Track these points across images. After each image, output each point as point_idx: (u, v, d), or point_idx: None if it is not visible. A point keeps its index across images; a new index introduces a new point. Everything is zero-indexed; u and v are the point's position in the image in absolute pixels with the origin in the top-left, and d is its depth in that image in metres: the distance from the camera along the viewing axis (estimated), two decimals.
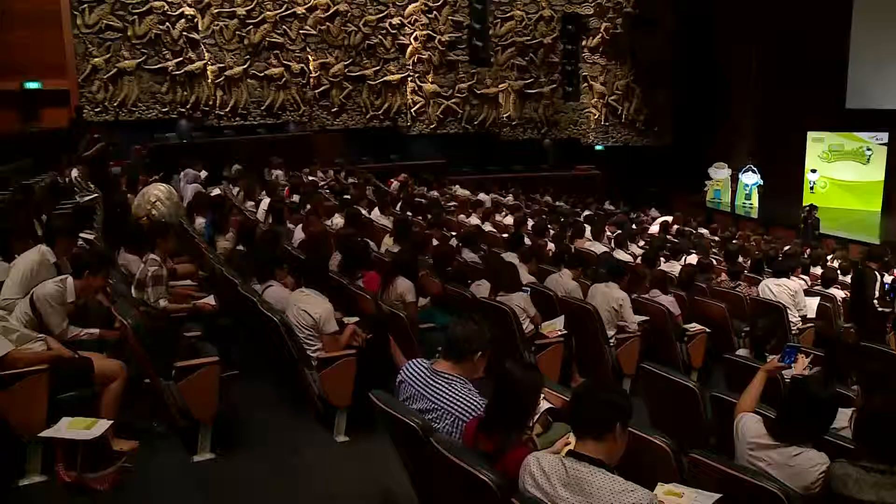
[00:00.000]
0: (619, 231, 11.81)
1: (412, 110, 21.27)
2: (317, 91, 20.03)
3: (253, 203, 11.13)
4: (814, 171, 21.46)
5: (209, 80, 18.70)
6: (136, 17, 17.76)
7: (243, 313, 6.11)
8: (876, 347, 7.19)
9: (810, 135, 21.35)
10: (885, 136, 20.44)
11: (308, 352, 5.30)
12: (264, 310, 5.43)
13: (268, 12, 19.07)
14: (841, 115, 21.27)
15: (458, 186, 18.02)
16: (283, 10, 19.27)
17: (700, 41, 22.85)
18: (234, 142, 18.00)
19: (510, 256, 7.98)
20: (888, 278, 8.67)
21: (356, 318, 5.74)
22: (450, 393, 3.60)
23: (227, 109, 18.98)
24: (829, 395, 3.62)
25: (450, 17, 21.08)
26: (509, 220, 13.02)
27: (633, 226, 13.76)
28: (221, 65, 18.77)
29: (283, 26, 19.39)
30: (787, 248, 14.09)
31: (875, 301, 8.30)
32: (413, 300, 6.42)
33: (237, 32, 18.85)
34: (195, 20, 18.37)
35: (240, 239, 7.64)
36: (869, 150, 20.75)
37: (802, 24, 20.98)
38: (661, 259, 9.73)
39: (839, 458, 3.47)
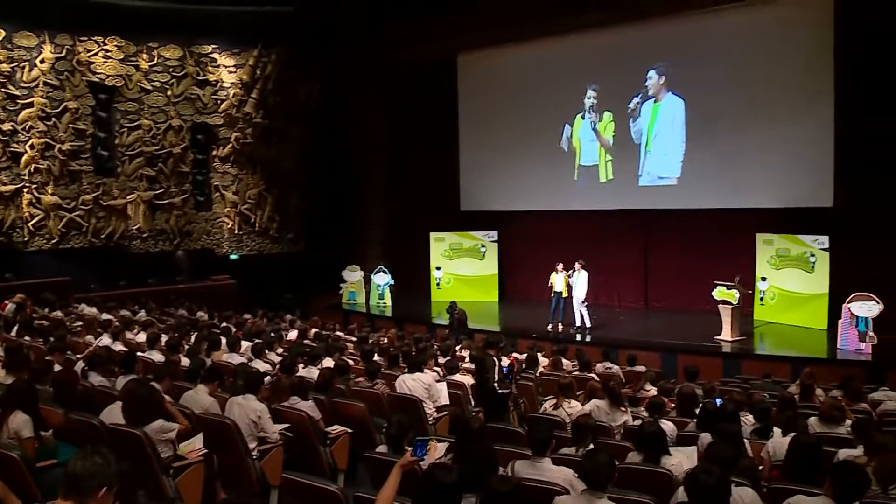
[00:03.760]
0: (257, 340, 11.75)
1: (29, 224, 19.59)
2: None
3: None
4: (438, 268, 23.16)
5: None
6: None
7: None
8: (500, 427, 7.88)
9: (433, 235, 23.11)
10: (495, 234, 22.87)
11: None
12: None
13: None
14: (457, 217, 23.41)
15: (84, 305, 16.79)
16: None
17: (330, 150, 24.00)
18: None
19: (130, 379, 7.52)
20: (506, 361, 9.45)
21: None
22: None
23: None
24: (452, 480, 3.88)
25: (71, 125, 19.93)
26: (142, 336, 12.37)
27: (272, 333, 13.75)
28: None
29: None
30: (420, 343, 14.93)
31: (496, 384, 9.04)
32: (30, 436, 5.81)
33: None
34: None
35: None
36: (483, 247, 22.99)
37: (420, 138, 23.17)
38: (300, 365, 9.81)
39: None
